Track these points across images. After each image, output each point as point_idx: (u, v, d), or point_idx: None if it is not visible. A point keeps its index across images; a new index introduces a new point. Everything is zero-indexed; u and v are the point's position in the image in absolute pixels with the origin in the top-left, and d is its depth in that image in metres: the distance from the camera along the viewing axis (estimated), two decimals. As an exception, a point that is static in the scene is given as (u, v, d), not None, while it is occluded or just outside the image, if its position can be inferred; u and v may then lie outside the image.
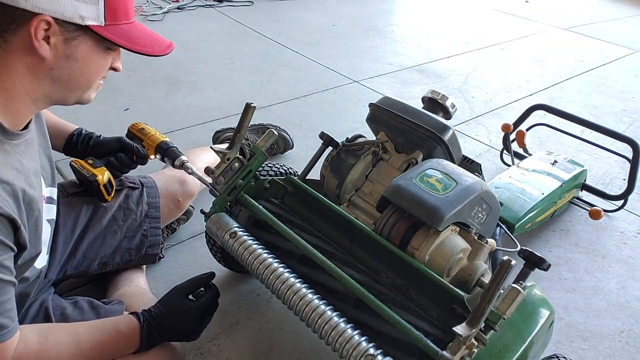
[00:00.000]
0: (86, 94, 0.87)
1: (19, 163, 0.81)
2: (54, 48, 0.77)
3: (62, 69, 0.79)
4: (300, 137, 2.17)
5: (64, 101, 0.86)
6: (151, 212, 1.29)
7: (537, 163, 1.78)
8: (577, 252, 1.68)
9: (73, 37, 0.78)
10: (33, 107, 0.83)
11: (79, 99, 0.87)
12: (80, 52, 0.79)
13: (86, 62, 0.81)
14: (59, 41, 0.77)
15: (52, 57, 0.77)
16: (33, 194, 0.82)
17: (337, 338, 0.83)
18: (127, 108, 2.27)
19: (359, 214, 1.21)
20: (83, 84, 0.84)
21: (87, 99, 0.88)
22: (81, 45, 0.79)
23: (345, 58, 3.19)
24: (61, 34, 0.76)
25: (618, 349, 1.34)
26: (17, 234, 0.77)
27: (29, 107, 0.82)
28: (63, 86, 0.82)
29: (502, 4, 5.12)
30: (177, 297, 0.99)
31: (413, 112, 1.21)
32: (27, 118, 0.84)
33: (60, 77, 0.80)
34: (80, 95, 0.87)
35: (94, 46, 0.81)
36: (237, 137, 1.06)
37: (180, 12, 3.73)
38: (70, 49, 0.78)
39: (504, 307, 0.77)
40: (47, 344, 0.83)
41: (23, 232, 0.78)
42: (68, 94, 0.85)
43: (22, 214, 0.79)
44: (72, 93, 0.85)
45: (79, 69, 0.81)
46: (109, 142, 1.25)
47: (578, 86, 3.14)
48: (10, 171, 0.78)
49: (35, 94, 0.81)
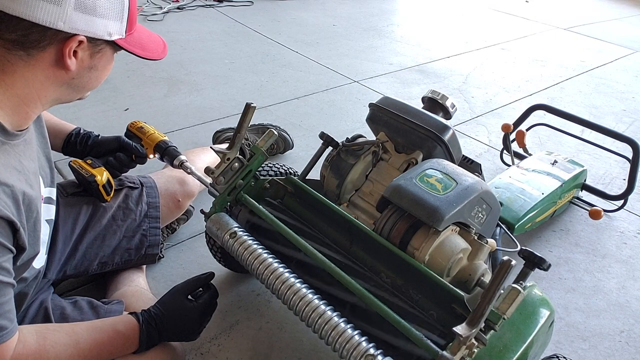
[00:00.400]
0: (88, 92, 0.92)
1: (19, 163, 0.81)
2: (80, 61, 0.81)
3: (82, 78, 0.84)
4: (300, 137, 2.17)
5: (68, 101, 0.90)
6: (151, 212, 1.29)
7: (537, 163, 1.78)
8: (577, 252, 1.68)
9: (98, 50, 0.83)
10: (40, 109, 0.86)
11: (82, 97, 0.92)
12: (101, 62, 0.85)
13: (104, 70, 0.88)
14: (85, 55, 0.82)
15: (76, 69, 0.82)
16: (32, 195, 0.82)
17: (337, 338, 0.83)
18: (127, 108, 2.27)
19: (359, 214, 1.21)
20: (92, 87, 0.89)
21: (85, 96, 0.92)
22: (103, 56, 0.85)
23: (345, 58, 3.19)
24: (88, 49, 0.81)
25: (618, 349, 1.34)
26: (16, 236, 0.77)
27: (37, 110, 0.85)
28: (77, 90, 0.87)
29: (502, 4, 5.12)
30: (177, 297, 0.99)
31: (413, 112, 1.21)
32: (29, 120, 0.85)
33: (79, 84, 0.85)
34: (83, 95, 0.91)
35: (111, 55, 0.87)
36: (237, 137, 1.06)
37: (180, 12, 3.73)
38: (95, 61, 0.84)
39: (504, 307, 0.77)
40: (46, 344, 0.84)
41: (22, 234, 0.78)
42: (76, 95, 0.89)
43: (22, 216, 0.79)
44: (80, 94, 0.90)
45: (97, 76, 0.87)
46: (108, 142, 1.25)
47: (578, 86, 3.14)
48: (10, 172, 0.78)
49: (47, 99, 0.84)
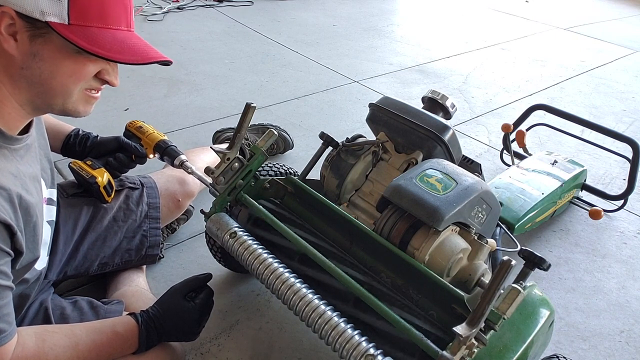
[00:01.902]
0: (69, 103, 0.82)
1: (16, 169, 0.80)
2: (20, 44, 0.74)
3: (32, 69, 0.76)
4: (300, 137, 2.17)
5: (48, 108, 0.83)
6: (151, 213, 1.29)
7: (537, 163, 1.78)
8: (577, 252, 1.68)
9: (39, 34, 0.74)
10: (22, 112, 0.81)
11: (64, 108, 0.83)
12: (46, 51, 0.76)
13: (55, 63, 0.77)
14: (24, 38, 0.74)
15: (19, 55, 0.75)
16: (30, 200, 0.81)
17: (337, 338, 0.83)
18: (127, 108, 2.27)
19: (359, 214, 1.21)
20: (58, 89, 0.79)
21: (72, 109, 0.83)
22: (47, 44, 0.75)
23: (345, 58, 3.19)
24: (26, 30, 0.73)
25: (618, 349, 1.34)
26: (13, 239, 0.77)
27: (19, 112, 0.81)
28: (39, 90, 0.79)
29: (502, 4, 5.12)
30: (175, 297, 0.99)
31: (413, 112, 1.21)
32: (20, 123, 0.83)
33: (32, 77, 0.77)
34: (63, 104, 0.82)
35: (61, 47, 0.76)
36: (237, 137, 1.06)
37: (180, 12, 3.73)
38: (36, 46, 0.75)
39: (504, 307, 0.77)
40: (45, 347, 0.83)
41: (20, 238, 0.78)
42: (48, 100, 0.81)
43: (19, 220, 0.78)
44: (52, 99, 0.81)
45: (49, 70, 0.77)
46: (107, 142, 1.24)
47: (578, 86, 3.14)
48: (6, 176, 0.77)
49: (18, 98, 0.79)
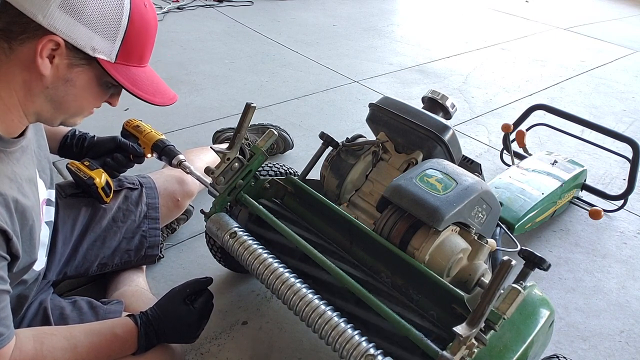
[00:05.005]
0: (73, 119, 0.87)
1: (12, 171, 0.80)
2: (55, 68, 0.76)
3: (58, 90, 0.79)
4: (300, 137, 2.17)
5: (50, 121, 0.85)
6: (150, 213, 1.28)
7: (537, 163, 1.78)
8: (577, 252, 1.68)
9: (78, 64, 0.78)
10: (25, 121, 0.82)
11: (64, 122, 0.86)
12: (80, 80, 0.80)
13: (84, 90, 0.81)
14: (62, 64, 0.77)
15: (50, 77, 0.77)
16: (26, 203, 0.81)
17: (337, 338, 0.83)
18: (127, 108, 2.26)
19: (359, 214, 1.20)
20: (74, 109, 0.84)
21: (72, 122, 0.88)
22: (83, 74, 0.79)
23: (345, 58, 3.19)
24: (67, 58, 0.76)
25: (618, 349, 1.34)
26: (9, 244, 0.76)
27: (22, 120, 0.82)
28: (54, 107, 0.82)
29: (502, 4, 5.12)
30: (174, 300, 0.99)
31: (413, 112, 1.21)
32: (19, 130, 0.83)
33: (54, 97, 0.80)
34: (67, 119, 0.86)
35: (95, 78, 0.81)
36: (237, 137, 1.06)
37: (180, 12, 3.73)
38: (72, 74, 0.78)
39: (504, 307, 0.77)
40: (43, 349, 0.83)
41: (16, 243, 0.77)
42: (57, 115, 0.84)
43: (15, 224, 0.78)
44: (61, 115, 0.84)
45: (74, 94, 0.81)
46: (104, 142, 1.24)
47: (578, 86, 3.14)
48: (2, 180, 0.77)
49: (27, 109, 0.80)
